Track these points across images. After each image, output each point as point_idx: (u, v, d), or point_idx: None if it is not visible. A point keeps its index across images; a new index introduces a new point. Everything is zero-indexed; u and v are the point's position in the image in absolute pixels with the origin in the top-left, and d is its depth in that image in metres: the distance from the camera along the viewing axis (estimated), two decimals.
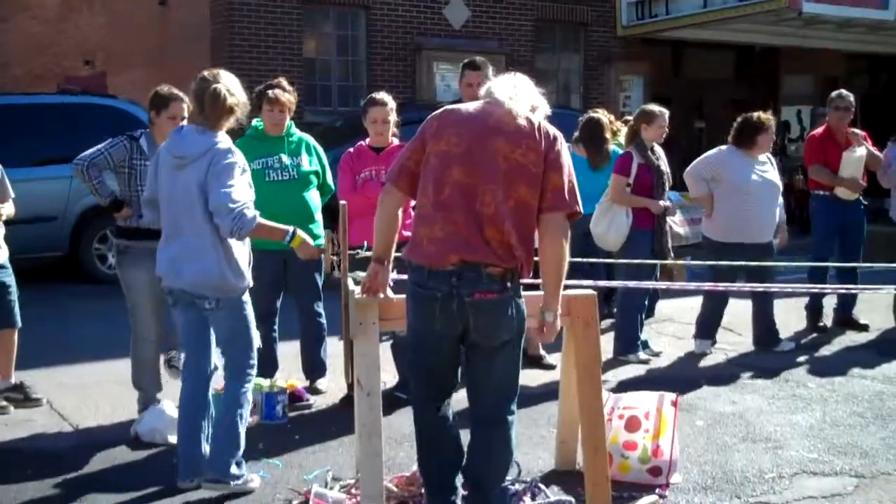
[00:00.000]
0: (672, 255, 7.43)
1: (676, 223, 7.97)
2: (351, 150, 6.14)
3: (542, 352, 6.93)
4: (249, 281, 4.56)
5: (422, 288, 3.75)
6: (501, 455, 3.89)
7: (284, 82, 6.03)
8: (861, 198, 8.32)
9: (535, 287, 4.03)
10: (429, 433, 3.97)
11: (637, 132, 7.26)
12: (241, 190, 4.35)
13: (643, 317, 7.54)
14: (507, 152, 3.70)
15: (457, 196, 3.69)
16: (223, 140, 4.45)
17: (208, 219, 4.37)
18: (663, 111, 7.30)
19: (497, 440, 3.86)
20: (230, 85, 4.47)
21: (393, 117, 6.04)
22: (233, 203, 4.26)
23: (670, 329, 8.38)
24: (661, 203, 7.17)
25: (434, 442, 3.96)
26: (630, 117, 8.75)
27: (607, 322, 7.90)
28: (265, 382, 5.60)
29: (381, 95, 6.11)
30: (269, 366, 5.89)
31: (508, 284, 3.73)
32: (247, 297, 4.56)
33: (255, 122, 5.93)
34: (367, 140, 6.12)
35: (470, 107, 3.89)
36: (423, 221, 3.76)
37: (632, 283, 6.80)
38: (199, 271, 4.41)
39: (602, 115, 8.30)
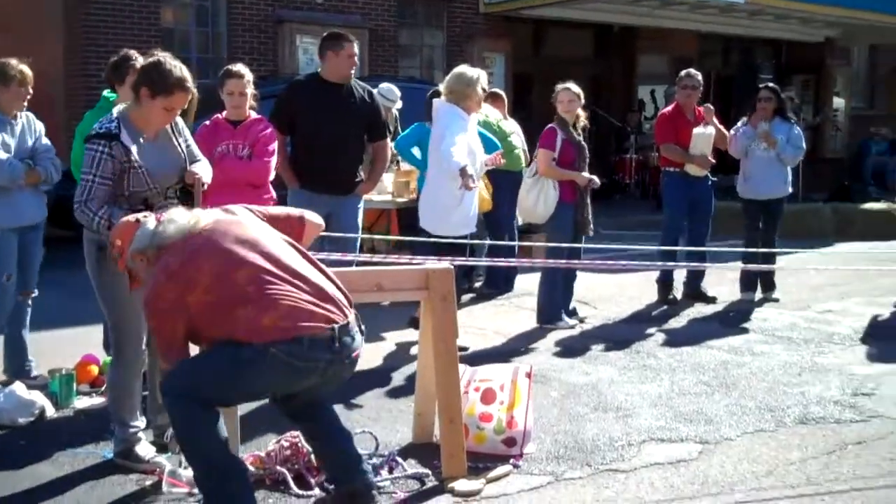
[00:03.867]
0: (592, 226, 7.64)
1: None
2: (207, 122, 6.03)
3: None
4: None
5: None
6: None
7: (135, 53, 5.65)
8: (710, 175, 8.63)
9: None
10: None
11: (555, 109, 7.52)
12: None
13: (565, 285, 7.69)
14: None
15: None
16: None
17: None
18: (567, 87, 7.51)
19: None
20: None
21: (251, 90, 5.96)
22: None
23: (529, 303, 8.52)
24: (585, 175, 7.39)
25: None
26: (499, 91, 9.20)
27: (467, 297, 7.99)
28: None
29: (238, 67, 6.02)
30: None
31: None
32: None
33: (105, 93, 5.70)
34: (224, 113, 6.02)
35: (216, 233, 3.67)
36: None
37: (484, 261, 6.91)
38: None
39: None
